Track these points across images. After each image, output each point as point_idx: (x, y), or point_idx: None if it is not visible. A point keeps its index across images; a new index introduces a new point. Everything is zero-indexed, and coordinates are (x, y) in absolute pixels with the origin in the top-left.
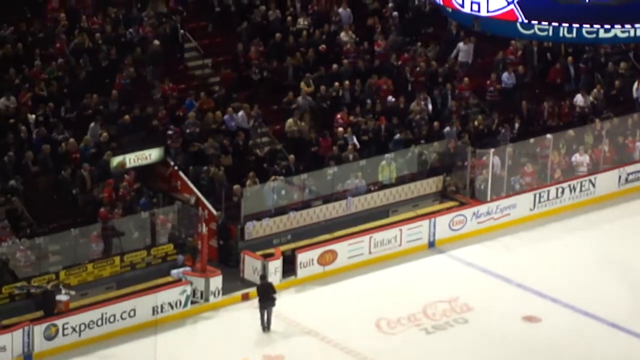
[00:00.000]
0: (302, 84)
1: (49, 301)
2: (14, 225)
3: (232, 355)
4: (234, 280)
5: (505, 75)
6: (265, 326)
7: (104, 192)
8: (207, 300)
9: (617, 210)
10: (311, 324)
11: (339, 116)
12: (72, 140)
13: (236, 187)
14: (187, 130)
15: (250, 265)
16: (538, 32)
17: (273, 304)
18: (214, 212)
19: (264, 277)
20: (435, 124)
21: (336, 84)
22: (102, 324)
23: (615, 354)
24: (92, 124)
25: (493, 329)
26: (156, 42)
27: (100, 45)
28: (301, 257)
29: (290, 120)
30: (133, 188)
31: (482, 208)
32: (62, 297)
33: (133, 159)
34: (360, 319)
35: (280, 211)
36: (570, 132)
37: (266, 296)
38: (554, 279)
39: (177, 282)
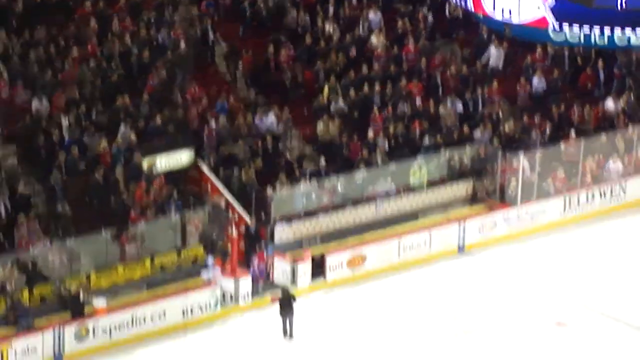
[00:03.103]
0: (325, 90)
1: (77, 303)
2: (45, 228)
3: (261, 357)
4: (264, 283)
5: (535, 79)
6: (288, 333)
7: (135, 194)
8: (236, 302)
9: None
10: (339, 327)
11: (375, 117)
12: (103, 143)
13: (267, 190)
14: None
15: (280, 268)
16: (569, 39)
17: (292, 312)
18: (244, 215)
19: (285, 288)
20: (466, 128)
21: (366, 88)
22: (132, 325)
23: None
24: (123, 127)
25: (523, 334)
26: (182, 45)
27: (131, 48)
28: (330, 260)
29: (321, 124)
30: (163, 191)
31: (512, 212)
32: (98, 302)
33: (164, 162)
34: (389, 322)
35: (310, 214)
36: (603, 137)
37: (285, 303)
38: (585, 284)
39: (207, 284)
